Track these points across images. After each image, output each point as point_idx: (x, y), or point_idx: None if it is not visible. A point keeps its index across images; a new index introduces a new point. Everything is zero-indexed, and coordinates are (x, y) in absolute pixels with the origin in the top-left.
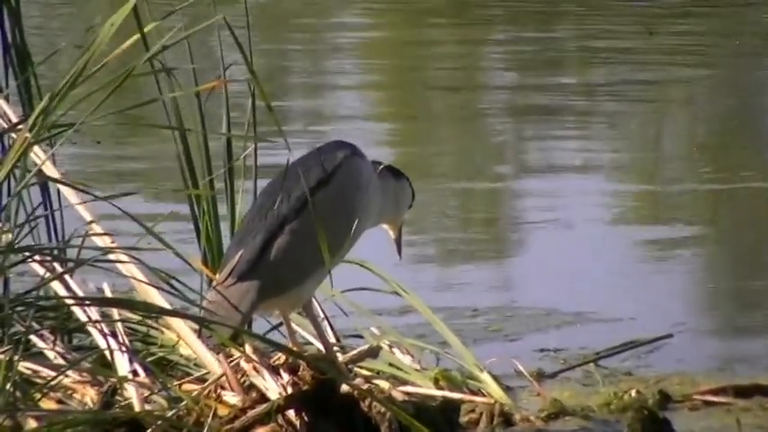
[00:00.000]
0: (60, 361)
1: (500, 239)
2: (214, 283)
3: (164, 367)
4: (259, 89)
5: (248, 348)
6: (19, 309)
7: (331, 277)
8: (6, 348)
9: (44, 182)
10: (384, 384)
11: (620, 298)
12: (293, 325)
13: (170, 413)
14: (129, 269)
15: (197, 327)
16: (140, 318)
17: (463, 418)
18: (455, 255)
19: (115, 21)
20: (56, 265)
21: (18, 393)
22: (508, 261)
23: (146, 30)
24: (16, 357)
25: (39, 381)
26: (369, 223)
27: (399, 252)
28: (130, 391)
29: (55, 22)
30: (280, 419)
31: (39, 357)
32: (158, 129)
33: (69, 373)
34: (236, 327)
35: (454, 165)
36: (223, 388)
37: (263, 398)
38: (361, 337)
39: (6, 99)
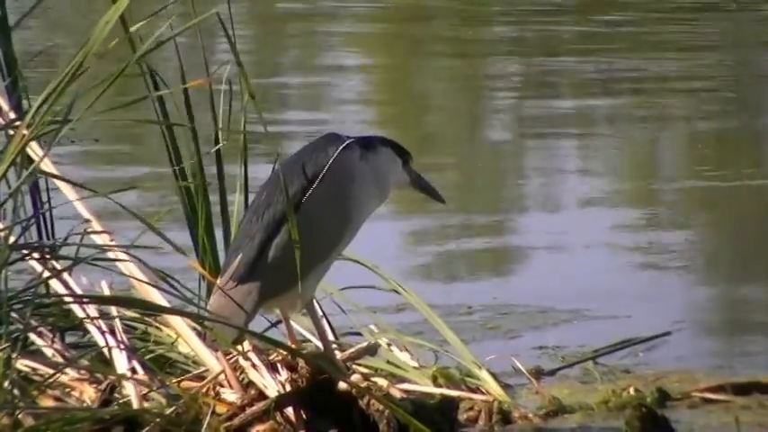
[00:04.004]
0: (59, 358)
1: (494, 235)
2: (215, 288)
3: (162, 365)
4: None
5: (247, 346)
6: (17, 306)
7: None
8: (5, 346)
9: (35, 180)
10: (382, 382)
11: (619, 295)
12: (292, 323)
13: (169, 410)
14: (128, 267)
15: (196, 324)
16: (139, 315)
17: (462, 416)
18: (451, 255)
19: (110, 19)
20: (54, 262)
21: (16, 391)
22: (504, 260)
23: (134, 28)
24: (14, 355)
25: (37, 378)
26: (368, 209)
27: (437, 198)
28: (129, 389)
29: (54, 20)
30: (278, 417)
31: (37, 355)
32: (157, 128)
33: (68, 370)
34: (239, 327)
35: (453, 163)
36: (222, 385)
37: (261, 395)
38: (359, 334)
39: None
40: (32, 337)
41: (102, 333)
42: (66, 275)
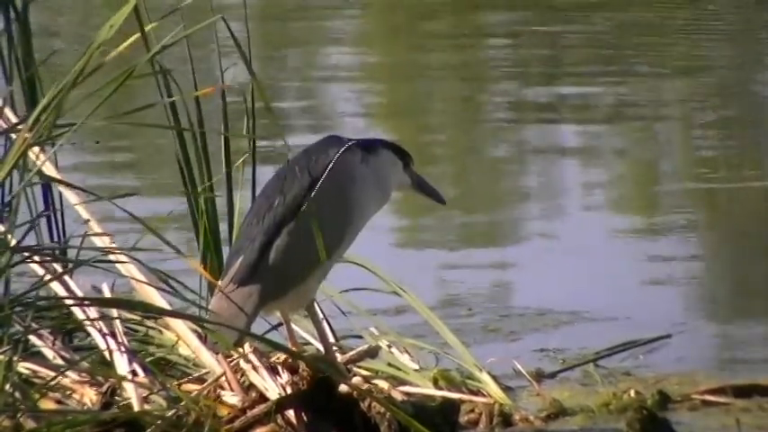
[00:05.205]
0: (59, 361)
1: (493, 237)
2: (216, 290)
3: (163, 367)
4: (258, 87)
5: (248, 348)
6: (18, 309)
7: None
8: (6, 348)
9: (45, 182)
10: (383, 384)
11: (619, 298)
12: (293, 325)
13: (169, 413)
14: (129, 269)
15: (196, 327)
16: (139, 318)
17: (462, 418)
18: (451, 256)
19: (115, 22)
20: (55, 265)
21: (17, 393)
22: (504, 261)
23: (128, 41)
24: (15, 357)
25: (38, 381)
26: (369, 212)
27: (437, 199)
28: (130, 391)
29: (55, 23)
30: (279, 419)
31: (38, 357)
32: (159, 131)
33: (68, 373)
34: (240, 329)
35: (451, 158)
36: (222, 388)
37: (262, 398)
38: (360, 337)
39: (8, 100)
40: (33, 339)
41: (103, 335)
42: (67, 278)
